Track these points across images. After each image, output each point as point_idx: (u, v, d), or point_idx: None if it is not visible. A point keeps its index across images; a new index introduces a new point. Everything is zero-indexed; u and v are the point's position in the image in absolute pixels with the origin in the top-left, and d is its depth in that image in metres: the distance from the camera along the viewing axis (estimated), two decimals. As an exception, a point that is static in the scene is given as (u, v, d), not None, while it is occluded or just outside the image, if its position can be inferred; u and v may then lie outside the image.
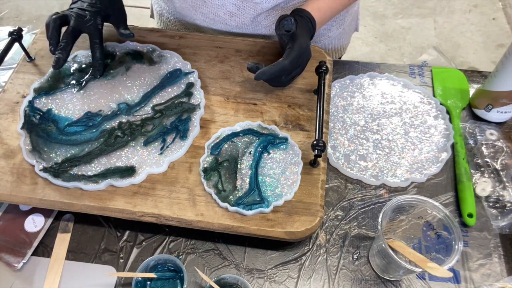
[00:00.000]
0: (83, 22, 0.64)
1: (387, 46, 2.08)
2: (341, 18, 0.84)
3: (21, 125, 0.64)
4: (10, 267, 0.60)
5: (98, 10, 0.65)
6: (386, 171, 0.67)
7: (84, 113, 0.66)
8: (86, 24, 0.64)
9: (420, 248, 0.59)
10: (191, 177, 0.60)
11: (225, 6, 0.74)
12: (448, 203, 0.65)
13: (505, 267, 0.60)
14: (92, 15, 0.64)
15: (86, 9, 0.64)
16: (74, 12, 0.64)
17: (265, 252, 0.61)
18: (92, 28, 0.64)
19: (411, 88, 0.76)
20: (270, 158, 0.61)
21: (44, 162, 0.61)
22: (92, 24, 0.64)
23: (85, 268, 0.60)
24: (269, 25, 0.78)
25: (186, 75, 0.69)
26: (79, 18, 0.64)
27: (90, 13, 0.64)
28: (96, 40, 0.65)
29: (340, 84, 0.77)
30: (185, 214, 0.57)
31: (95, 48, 0.66)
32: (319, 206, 0.58)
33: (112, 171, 0.60)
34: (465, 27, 2.12)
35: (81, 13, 0.64)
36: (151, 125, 0.64)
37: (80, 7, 0.65)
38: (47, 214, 0.64)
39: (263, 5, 0.74)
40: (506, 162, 0.68)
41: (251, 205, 0.57)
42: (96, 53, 0.66)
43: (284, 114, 0.66)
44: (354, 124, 0.72)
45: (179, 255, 0.61)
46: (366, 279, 0.59)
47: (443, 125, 0.72)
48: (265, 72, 0.61)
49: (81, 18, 0.64)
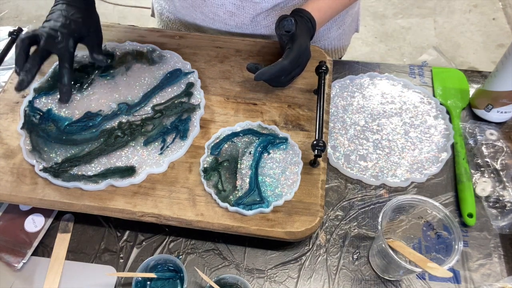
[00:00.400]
0: (54, 44, 0.59)
1: (387, 46, 2.08)
2: (341, 19, 0.84)
3: (21, 125, 0.64)
4: (10, 267, 0.60)
5: (71, 32, 0.60)
6: (386, 171, 0.67)
7: (84, 113, 0.66)
8: (57, 46, 0.59)
9: (420, 248, 0.59)
10: (191, 177, 0.60)
11: (224, 6, 0.74)
12: (448, 203, 0.65)
13: (505, 267, 0.60)
14: (65, 36, 0.59)
15: (59, 30, 0.59)
16: (46, 32, 0.59)
17: (265, 252, 0.61)
18: (62, 51, 0.59)
19: (411, 88, 0.76)
20: (270, 158, 0.61)
21: (44, 162, 0.61)
22: (63, 47, 0.59)
23: (85, 268, 0.60)
24: (268, 25, 0.78)
25: (186, 75, 0.69)
26: (50, 38, 0.59)
27: (62, 34, 0.59)
28: (65, 64, 0.60)
29: (340, 84, 0.77)
30: (185, 214, 0.57)
31: (64, 72, 0.60)
32: (319, 206, 0.58)
33: (112, 171, 0.60)
34: (465, 27, 2.12)
35: (53, 34, 0.59)
36: (151, 125, 0.64)
37: (53, 27, 0.59)
38: (47, 214, 0.64)
39: (263, 5, 0.74)
40: (506, 162, 0.68)
41: (251, 205, 0.57)
42: (64, 77, 0.60)
43: (284, 114, 0.66)
44: (354, 124, 0.72)
45: (179, 255, 0.61)
46: (366, 279, 0.59)
47: (443, 125, 0.72)
48: (265, 72, 0.61)
49: (52, 39, 0.59)
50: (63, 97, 0.61)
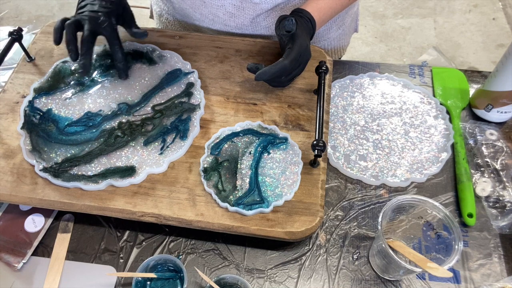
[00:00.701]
0: (98, 24, 0.61)
1: (387, 46, 2.08)
2: (340, 19, 0.84)
3: (21, 125, 0.64)
4: (10, 267, 0.60)
5: (111, 10, 0.63)
6: (386, 171, 0.67)
7: (84, 113, 0.66)
8: (102, 25, 0.62)
9: (420, 248, 0.59)
10: (191, 177, 0.60)
11: (224, 7, 0.74)
12: (448, 203, 0.65)
13: (505, 267, 0.60)
14: (106, 15, 0.62)
15: (99, 11, 0.62)
16: (86, 16, 0.62)
17: (265, 252, 0.61)
18: (108, 29, 0.62)
19: (411, 88, 0.76)
20: (270, 158, 0.61)
21: (44, 162, 0.61)
22: (108, 25, 0.62)
23: (85, 268, 0.60)
24: (268, 25, 0.78)
25: (186, 75, 0.69)
26: (93, 20, 0.61)
27: (103, 14, 0.62)
28: (115, 41, 0.63)
29: (340, 84, 0.77)
30: (185, 214, 0.57)
31: (116, 49, 0.64)
32: (319, 206, 0.58)
33: (112, 171, 0.60)
34: (465, 27, 2.12)
35: (94, 16, 0.61)
36: (151, 125, 0.64)
37: (92, 10, 0.62)
38: (47, 214, 0.64)
39: (263, 6, 0.74)
40: (506, 162, 0.68)
41: (251, 205, 0.57)
42: (118, 54, 0.64)
43: (284, 114, 0.66)
44: (354, 124, 0.72)
45: (179, 255, 0.61)
46: (366, 279, 0.59)
47: (443, 125, 0.72)
48: (265, 72, 0.61)
49: (95, 21, 0.61)
50: (121, 73, 0.66)
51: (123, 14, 0.66)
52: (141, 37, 0.66)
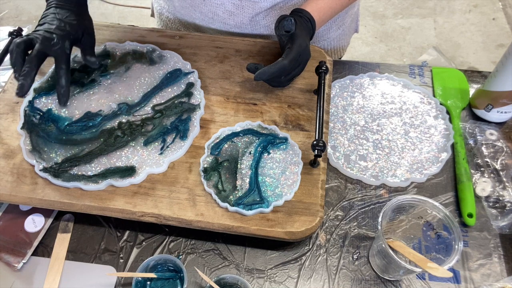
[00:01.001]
0: (50, 46, 0.59)
1: (387, 46, 2.08)
2: (340, 19, 0.84)
3: (21, 125, 0.64)
4: (10, 267, 0.60)
5: (67, 34, 0.61)
6: (386, 171, 0.67)
7: (84, 113, 0.66)
8: (53, 47, 0.59)
9: (420, 248, 0.59)
10: (191, 177, 0.60)
11: (224, 5, 0.74)
12: (448, 203, 0.65)
13: (505, 267, 0.60)
14: (60, 38, 0.59)
15: (54, 32, 0.60)
16: (40, 35, 0.59)
17: (265, 252, 0.61)
18: (59, 52, 0.59)
19: (411, 88, 0.76)
20: (270, 158, 0.61)
21: (44, 162, 0.61)
22: (59, 48, 0.59)
23: (85, 268, 0.60)
24: (267, 24, 0.78)
25: (186, 75, 0.69)
26: (46, 41, 0.59)
27: (57, 36, 0.59)
28: (63, 65, 0.60)
29: (340, 84, 0.77)
30: (185, 214, 0.57)
31: (61, 74, 0.60)
32: (319, 206, 0.58)
33: (112, 171, 0.60)
34: (465, 27, 2.12)
35: (48, 36, 0.59)
36: (151, 125, 0.64)
37: (47, 29, 0.60)
38: (47, 214, 0.64)
39: (262, 4, 0.74)
40: (506, 162, 0.68)
41: (251, 205, 0.57)
42: (62, 79, 0.60)
43: (284, 114, 0.66)
44: (354, 124, 0.72)
45: (179, 255, 0.61)
46: (366, 279, 0.59)
47: (443, 125, 0.72)
48: (265, 72, 0.61)
49: (47, 41, 0.59)
50: (61, 99, 0.61)
51: (82, 39, 0.64)
52: (91, 65, 0.65)
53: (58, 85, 0.60)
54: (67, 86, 0.61)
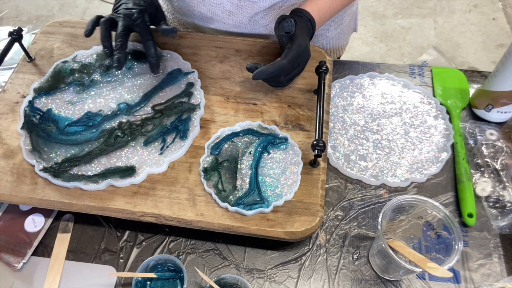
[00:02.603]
0: (132, 21, 0.65)
1: (387, 46, 2.08)
2: (339, 18, 0.83)
3: (21, 125, 0.64)
4: (10, 267, 0.60)
5: (144, 8, 0.66)
6: (386, 171, 0.67)
7: (84, 113, 0.66)
8: (135, 22, 0.65)
9: (420, 248, 0.59)
10: (191, 177, 0.60)
11: (222, 5, 0.74)
12: (448, 203, 0.65)
13: (505, 267, 0.60)
14: (140, 13, 0.65)
15: (133, 8, 0.65)
16: (121, 13, 0.65)
17: (265, 252, 0.61)
18: (142, 26, 0.65)
19: (411, 88, 0.76)
20: (270, 158, 0.61)
21: (44, 162, 0.61)
22: (141, 22, 0.65)
23: (85, 268, 0.60)
24: (266, 24, 0.78)
25: (186, 75, 0.69)
26: (128, 17, 0.64)
27: (137, 11, 0.65)
28: (148, 37, 0.66)
29: (340, 84, 0.77)
30: (185, 214, 0.57)
31: (149, 45, 0.67)
32: (319, 206, 0.58)
33: (112, 171, 0.60)
34: (465, 27, 2.12)
35: (128, 13, 0.65)
36: (151, 125, 0.64)
37: (126, 8, 0.66)
38: (47, 214, 0.64)
39: (261, 4, 0.74)
40: (506, 162, 0.68)
41: (251, 205, 0.57)
42: (151, 49, 0.67)
43: (284, 114, 0.66)
44: (354, 124, 0.72)
45: (179, 255, 0.61)
46: (366, 279, 0.59)
47: (443, 125, 0.72)
48: (263, 71, 0.61)
49: (129, 18, 0.64)
50: (154, 68, 0.68)
51: (156, 13, 0.68)
52: (170, 33, 0.67)
53: (149, 55, 0.67)
54: (157, 55, 0.68)
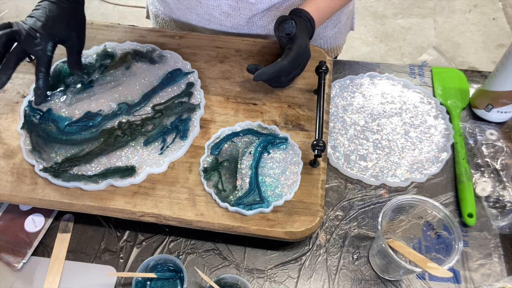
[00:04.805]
0: (32, 45, 0.58)
1: (387, 46, 2.08)
2: (336, 17, 0.83)
3: (21, 125, 0.64)
4: (10, 267, 0.60)
5: (52, 35, 0.59)
6: (386, 171, 0.67)
7: (84, 113, 0.66)
8: (35, 47, 0.58)
9: (420, 248, 0.59)
10: (191, 177, 0.60)
11: (220, 7, 0.74)
12: (448, 203, 0.65)
13: (505, 267, 0.60)
14: (43, 39, 0.58)
15: (38, 31, 0.58)
16: (25, 30, 0.58)
17: (265, 252, 0.61)
18: (40, 53, 0.59)
19: (411, 88, 0.76)
20: (270, 158, 0.61)
21: (44, 162, 0.61)
22: (41, 49, 0.58)
23: (85, 268, 0.60)
24: (264, 25, 0.78)
25: (186, 75, 0.69)
26: (29, 39, 0.57)
27: (41, 36, 0.58)
28: (42, 68, 0.60)
29: (340, 84, 0.77)
30: (185, 214, 0.57)
31: (39, 75, 0.60)
32: (319, 206, 0.58)
33: (112, 171, 0.60)
34: (465, 27, 2.12)
35: (32, 34, 0.58)
36: (151, 125, 0.64)
37: (33, 26, 0.58)
38: (47, 214, 0.64)
39: (259, 6, 0.73)
40: (506, 162, 0.68)
41: (251, 205, 0.57)
42: (39, 81, 0.60)
43: (284, 114, 0.66)
44: (354, 124, 0.72)
45: (179, 255, 0.61)
46: (366, 279, 0.59)
47: (443, 125, 0.72)
48: (264, 72, 0.61)
49: (30, 40, 0.57)
50: (37, 99, 0.63)
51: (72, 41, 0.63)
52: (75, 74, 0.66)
53: (36, 85, 0.61)
54: (44, 88, 0.62)
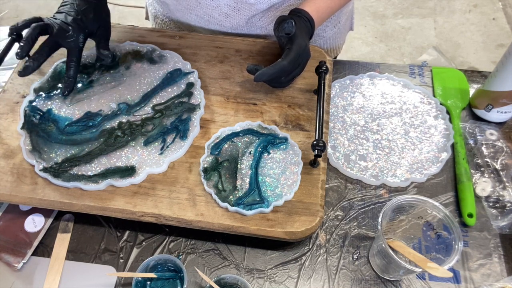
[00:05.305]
0: (65, 37, 0.61)
1: (387, 46, 2.08)
2: (336, 18, 0.83)
3: (21, 125, 0.64)
4: (10, 267, 0.60)
5: (82, 28, 0.62)
6: (386, 171, 0.67)
7: (84, 113, 0.66)
8: (67, 39, 0.61)
9: (420, 248, 0.59)
10: (191, 177, 0.60)
11: (219, 8, 0.74)
12: (448, 203, 0.65)
13: (505, 267, 0.60)
14: (75, 31, 0.61)
15: (70, 24, 0.61)
16: (58, 24, 0.61)
17: (265, 252, 0.61)
18: (72, 45, 0.62)
19: (411, 88, 0.76)
20: (270, 158, 0.61)
21: (44, 162, 0.61)
22: (73, 41, 0.61)
23: (85, 268, 0.60)
24: (264, 25, 0.78)
25: (186, 75, 0.69)
26: (61, 31, 0.60)
27: (73, 28, 0.61)
28: (74, 58, 0.62)
29: (340, 84, 0.77)
30: (185, 214, 0.57)
31: (71, 65, 0.63)
32: (319, 206, 0.58)
33: (112, 171, 0.60)
34: (465, 27, 2.12)
35: (64, 27, 0.61)
36: (151, 125, 0.64)
37: (64, 20, 0.61)
38: (47, 214, 0.64)
39: (258, 6, 0.73)
40: (506, 162, 0.68)
41: (251, 205, 0.57)
42: (70, 70, 0.63)
43: (284, 114, 0.66)
44: (354, 124, 0.72)
45: (179, 255, 0.61)
46: (366, 279, 0.59)
47: (443, 125, 0.72)
48: (264, 73, 0.61)
49: (63, 32, 0.61)
50: (65, 88, 0.64)
51: (97, 32, 0.65)
52: (104, 58, 0.67)
53: (66, 75, 0.63)
54: (74, 77, 0.64)
